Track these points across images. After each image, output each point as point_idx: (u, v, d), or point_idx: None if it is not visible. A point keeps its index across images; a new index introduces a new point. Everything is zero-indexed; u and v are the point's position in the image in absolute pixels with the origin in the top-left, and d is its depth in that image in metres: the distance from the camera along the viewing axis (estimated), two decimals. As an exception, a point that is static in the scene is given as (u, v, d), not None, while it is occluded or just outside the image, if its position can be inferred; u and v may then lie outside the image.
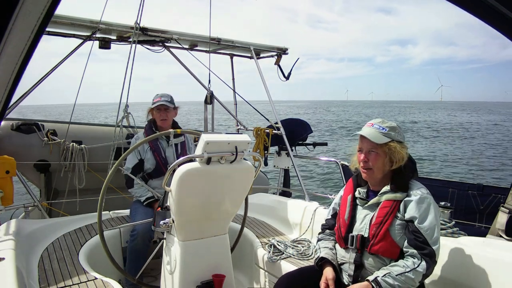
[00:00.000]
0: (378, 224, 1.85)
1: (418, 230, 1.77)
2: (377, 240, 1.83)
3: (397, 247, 1.83)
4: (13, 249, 2.14)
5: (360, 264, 1.90)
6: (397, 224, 1.83)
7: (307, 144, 4.88)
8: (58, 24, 3.32)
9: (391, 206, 1.85)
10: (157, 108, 3.16)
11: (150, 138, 2.68)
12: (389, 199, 1.87)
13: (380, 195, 1.91)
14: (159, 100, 3.15)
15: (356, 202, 2.02)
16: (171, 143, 3.18)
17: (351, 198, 2.03)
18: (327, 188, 11.31)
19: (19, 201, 3.91)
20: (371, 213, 1.92)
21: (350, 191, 2.07)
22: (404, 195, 1.86)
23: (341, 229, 2.00)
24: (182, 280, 2.15)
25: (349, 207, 2.01)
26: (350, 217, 1.99)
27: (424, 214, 1.80)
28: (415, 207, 1.81)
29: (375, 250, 1.84)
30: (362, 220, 1.94)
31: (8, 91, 0.96)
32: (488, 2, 1.18)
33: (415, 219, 1.79)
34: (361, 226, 1.93)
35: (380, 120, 1.96)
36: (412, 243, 1.78)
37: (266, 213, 3.56)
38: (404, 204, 1.84)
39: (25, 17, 0.79)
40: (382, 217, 1.85)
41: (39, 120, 3.93)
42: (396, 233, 1.83)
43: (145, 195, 3.02)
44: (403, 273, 1.72)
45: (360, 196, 2.00)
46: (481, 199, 4.74)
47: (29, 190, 3.62)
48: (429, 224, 1.78)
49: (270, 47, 4.65)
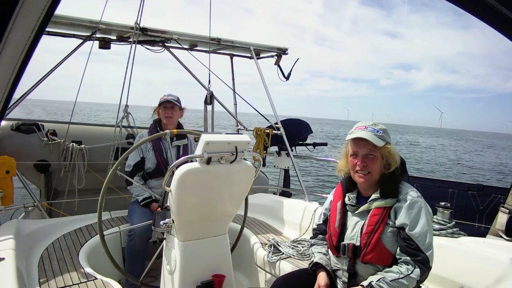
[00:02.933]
0: (369, 232, 1.81)
1: (410, 238, 1.74)
2: (369, 249, 1.80)
3: (389, 254, 1.80)
4: (13, 249, 2.14)
5: (353, 272, 1.88)
6: (388, 231, 1.80)
7: (307, 144, 4.88)
8: (58, 24, 3.32)
9: (381, 214, 1.81)
10: (163, 105, 3.17)
11: (151, 138, 2.67)
12: (379, 206, 1.83)
13: (370, 202, 1.86)
14: (166, 97, 3.18)
15: (346, 209, 1.96)
16: (174, 144, 3.19)
17: (341, 205, 1.98)
18: (327, 188, 11.32)
19: (19, 201, 3.91)
20: (361, 220, 1.88)
21: (339, 197, 2.01)
22: (394, 201, 1.82)
23: (332, 238, 1.95)
24: (182, 280, 2.15)
25: (339, 215, 1.95)
26: (340, 225, 1.93)
27: (415, 220, 1.76)
28: (405, 214, 1.77)
29: (367, 259, 1.81)
30: (353, 227, 1.90)
31: (8, 91, 0.96)
32: (488, 2, 1.18)
33: (406, 226, 1.76)
34: (352, 234, 1.89)
35: (372, 123, 1.91)
36: (404, 250, 1.75)
37: (266, 213, 3.56)
38: (394, 210, 1.81)
39: (25, 17, 0.79)
40: (373, 225, 1.81)
41: (39, 120, 3.93)
42: (388, 240, 1.79)
43: (142, 195, 3.02)
44: (397, 279, 1.70)
45: (350, 202, 1.94)
46: (481, 199, 4.74)
47: (29, 190, 3.61)
48: (421, 230, 1.75)
49: (270, 47, 4.65)
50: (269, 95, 4.40)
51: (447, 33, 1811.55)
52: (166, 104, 3.17)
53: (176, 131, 2.63)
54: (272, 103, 4.41)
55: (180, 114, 3.31)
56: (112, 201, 3.51)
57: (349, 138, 1.90)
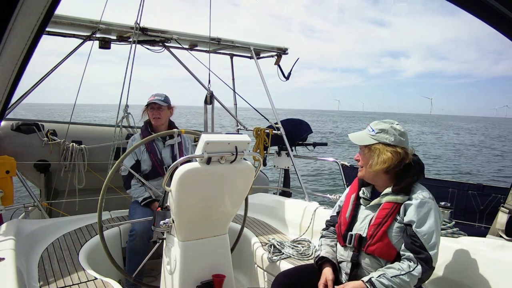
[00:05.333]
0: (377, 225, 1.85)
1: (415, 234, 1.76)
2: (374, 241, 1.84)
3: (393, 249, 1.82)
4: (13, 249, 2.14)
5: (356, 262, 1.91)
6: (396, 226, 1.83)
7: (307, 144, 4.88)
8: (58, 24, 3.32)
9: (391, 208, 1.85)
10: (150, 107, 3.17)
11: (152, 137, 2.67)
12: (390, 201, 1.87)
13: (382, 197, 1.91)
14: (152, 99, 3.16)
15: (360, 202, 2.03)
16: (167, 143, 3.18)
17: (354, 197, 2.05)
18: (327, 188, 11.32)
19: (19, 201, 3.91)
20: (372, 213, 1.93)
21: (354, 190, 2.08)
22: (406, 198, 1.85)
23: (341, 227, 2.02)
24: (182, 280, 2.15)
25: (352, 206, 2.03)
26: (351, 216, 2.00)
27: (423, 218, 1.79)
28: (414, 211, 1.80)
29: (371, 251, 1.85)
30: (362, 220, 1.95)
31: (8, 91, 0.96)
32: (488, 2, 1.18)
33: (413, 223, 1.78)
34: (360, 226, 1.94)
35: (376, 122, 1.98)
36: (408, 246, 1.77)
37: (266, 213, 3.56)
38: (404, 207, 1.84)
39: (25, 17, 0.79)
40: (382, 218, 1.85)
41: (39, 120, 3.93)
42: (393, 235, 1.83)
43: (142, 196, 3.02)
44: (398, 275, 1.71)
45: (364, 196, 2.01)
46: (481, 199, 4.74)
47: (29, 190, 3.62)
48: (428, 229, 1.77)
49: (270, 47, 4.66)
50: (269, 95, 4.40)
51: (435, 19, 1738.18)
52: (153, 105, 3.15)
53: (184, 130, 2.63)
54: (272, 103, 4.41)
55: (170, 113, 3.28)
56: (112, 201, 3.51)
57: None
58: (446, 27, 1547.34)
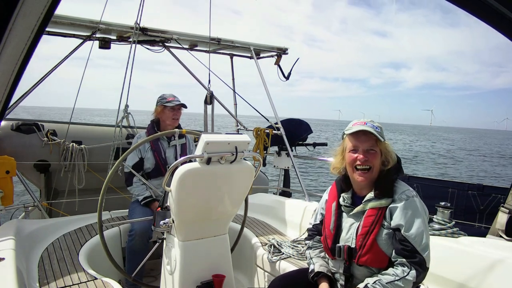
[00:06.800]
0: (365, 234, 1.77)
1: (406, 239, 1.71)
2: (364, 251, 1.77)
3: (385, 256, 1.77)
4: (13, 249, 2.14)
5: (350, 275, 1.85)
6: (384, 233, 1.76)
7: (307, 144, 4.89)
8: (58, 24, 3.32)
9: (376, 215, 1.77)
10: (171, 107, 3.17)
11: (153, 137, 2.67)
12: (374, 207, 1.79)
13: (365, 203, 1.83)
14: (174, 99, 3.18)
15: (341, 209, 1.92)
16: (172, 144, 3.19)
17: (335, 206, 1.94)
18: (327, 189, 11.29)
19: (19, 201, 3.91)
20: (356, 222, 1.84)
21: (334, 197, 1.97)
22: (389, 201, 1.78)
23: (327, 240, 1.91)
24: (182, 280, 2.15)
25: (334, 217, 1.91)
26: (335, 227, 1.89)
27: (410, 220, 1.73)
28: (401, 214, 1.74)
29: (363, 262, 1.79)
30: (348, 229, 1.87)
31: (8, 91, 0.96)
32: (488, 2, 1.18)
33: (402, 227, 1.72)
34: (347, 236, 1.85)
35: (370, 120, 1.88)
36: (400, 252, 1.72)
37: (266, 213, 3.56)
38: (389, 211, 1.77)
39: (25, 17, 0.79)
40: (368, 226, 1.77)
41: (39, 120, 3.93)
42: (383, 242, 1.76)
43: (143, 194, 3.02)
44: (393, 281, 1.68)
45: (345, 203, 1.90)
46: (481, 199, 4.73)
47: (29, 190, 3.62)
48: (416, 230, 1.71)
49: (270, 47, 4.66)
50: (269, 95, 4.40)
51: (436, 31, 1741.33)
52: (175, 106, 3.18)
53: (185, 130, 2.64)
54: (272, 103, 4.41)
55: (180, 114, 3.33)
56: (112, 201, 3.51)
57: (349, 132, 1.85)
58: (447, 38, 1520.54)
